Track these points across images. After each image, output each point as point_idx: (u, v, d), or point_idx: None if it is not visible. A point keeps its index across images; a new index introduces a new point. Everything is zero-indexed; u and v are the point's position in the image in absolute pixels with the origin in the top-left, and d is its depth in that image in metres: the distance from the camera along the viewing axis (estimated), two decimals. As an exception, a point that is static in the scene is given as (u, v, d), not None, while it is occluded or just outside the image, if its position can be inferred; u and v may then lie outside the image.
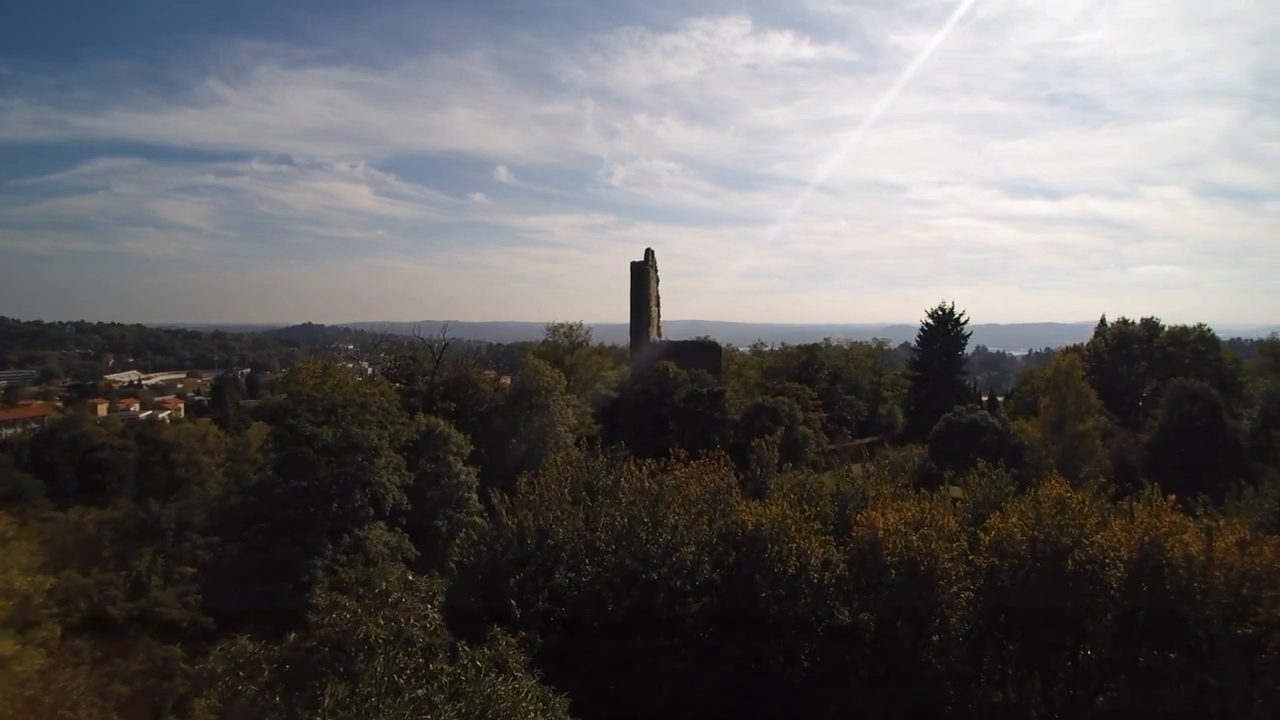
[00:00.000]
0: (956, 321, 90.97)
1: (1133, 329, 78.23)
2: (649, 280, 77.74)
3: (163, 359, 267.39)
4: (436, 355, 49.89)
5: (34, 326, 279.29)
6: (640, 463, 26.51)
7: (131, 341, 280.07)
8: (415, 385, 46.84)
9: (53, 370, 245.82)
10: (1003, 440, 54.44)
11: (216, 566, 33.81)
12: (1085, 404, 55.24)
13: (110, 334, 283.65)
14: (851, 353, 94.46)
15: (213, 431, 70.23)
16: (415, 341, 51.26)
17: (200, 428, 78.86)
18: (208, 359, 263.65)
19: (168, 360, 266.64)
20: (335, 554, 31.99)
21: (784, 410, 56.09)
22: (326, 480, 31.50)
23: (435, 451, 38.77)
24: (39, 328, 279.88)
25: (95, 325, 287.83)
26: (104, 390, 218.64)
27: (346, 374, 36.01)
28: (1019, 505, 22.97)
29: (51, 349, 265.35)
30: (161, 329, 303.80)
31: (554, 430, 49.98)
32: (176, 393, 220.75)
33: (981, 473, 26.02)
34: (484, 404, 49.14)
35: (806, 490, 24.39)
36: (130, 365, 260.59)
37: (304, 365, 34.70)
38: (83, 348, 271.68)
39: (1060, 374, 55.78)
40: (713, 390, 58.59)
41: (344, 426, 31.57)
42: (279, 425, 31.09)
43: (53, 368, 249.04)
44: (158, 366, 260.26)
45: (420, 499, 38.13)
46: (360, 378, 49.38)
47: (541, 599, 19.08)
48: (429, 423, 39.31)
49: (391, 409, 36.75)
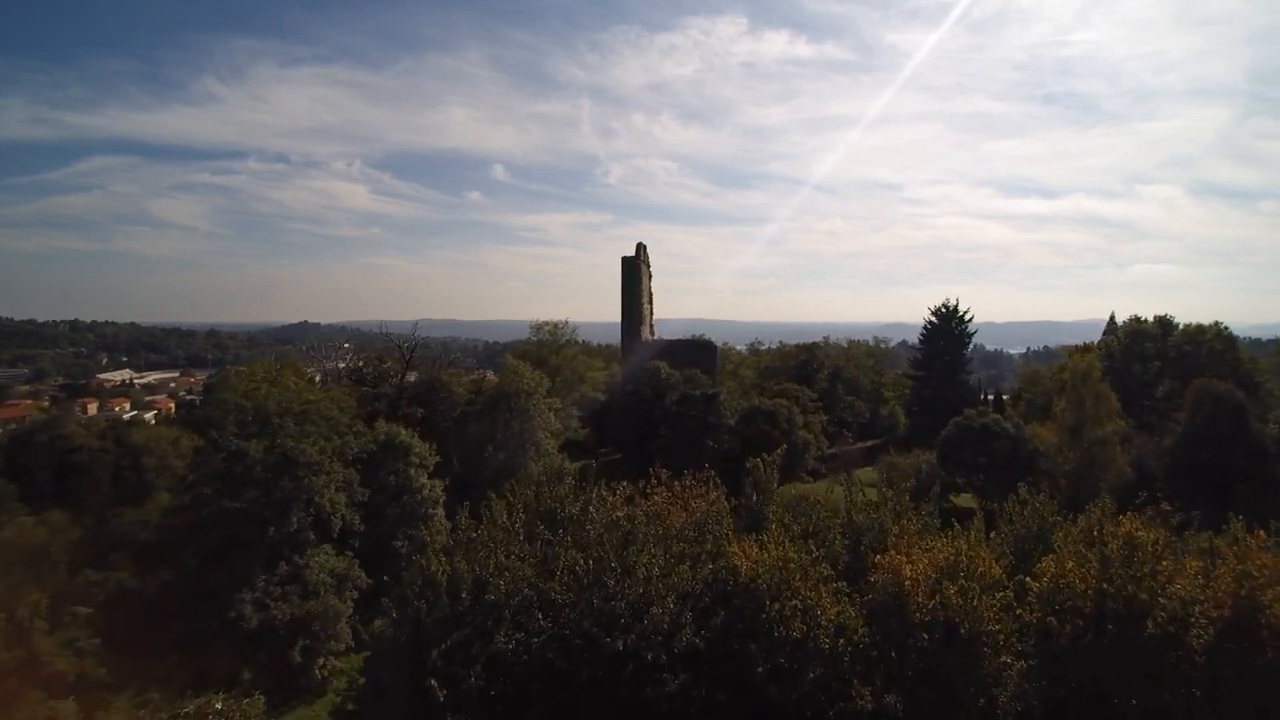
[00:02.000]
0: (960, 319, 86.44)
1: (1146, 327, 73.80)
2: (641, 276, 73.33)
3: (156, 358, 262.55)
4: (406, 356, 45.30)
5: (27, 325, 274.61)
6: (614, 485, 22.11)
7: (125, 340, 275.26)
8: (382, 389, 42.30)
9: (45, 370, 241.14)
10: (1016, 447, 50.10)
11: (136, 599, 29.41)
12: (1105, 407, 50.87)
13: (104, 333, 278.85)
14: (851, 352, 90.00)
15: (185, 435, 65.91)
16: (385, 341, 46.86)
17: (172, 432, 74.50)
18: (202, 358, 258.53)
19: (161, 359, 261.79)
20: (269, 585, 27.53)
21: (782, 414, 51.68)
22: (258, 501, 27.02)
23: (395, 464, 34.30)
24: (32, 326, 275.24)
25: (89, 324, 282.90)
26: (95, 390, 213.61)
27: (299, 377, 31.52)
28: (1071, 541, 18.62)
29: (45, 348, 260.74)
30: (156, 328, 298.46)
31: (534, 437, 45.50)
32: (169, 392, 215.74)
33: (1023, 501, 21.60)
34: (457, 408, 44.66)
35: (812, 523, 19.98)
36: (124, 364, 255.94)
37: (240, 369, 30.06)
38: (76, 346, 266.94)
39: (1077, 375, 51.31)
40: (706, 392, 54.14)
41: (278, 440, 27.12)
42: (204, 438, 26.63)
43: (45, 367, 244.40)
44: (151, 365, 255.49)
45: (377, 517, 33.70)
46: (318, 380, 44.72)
47: (474, 673, 14.64)
48: (388, 431, 34.85)
49: (341, 417, 32.28)
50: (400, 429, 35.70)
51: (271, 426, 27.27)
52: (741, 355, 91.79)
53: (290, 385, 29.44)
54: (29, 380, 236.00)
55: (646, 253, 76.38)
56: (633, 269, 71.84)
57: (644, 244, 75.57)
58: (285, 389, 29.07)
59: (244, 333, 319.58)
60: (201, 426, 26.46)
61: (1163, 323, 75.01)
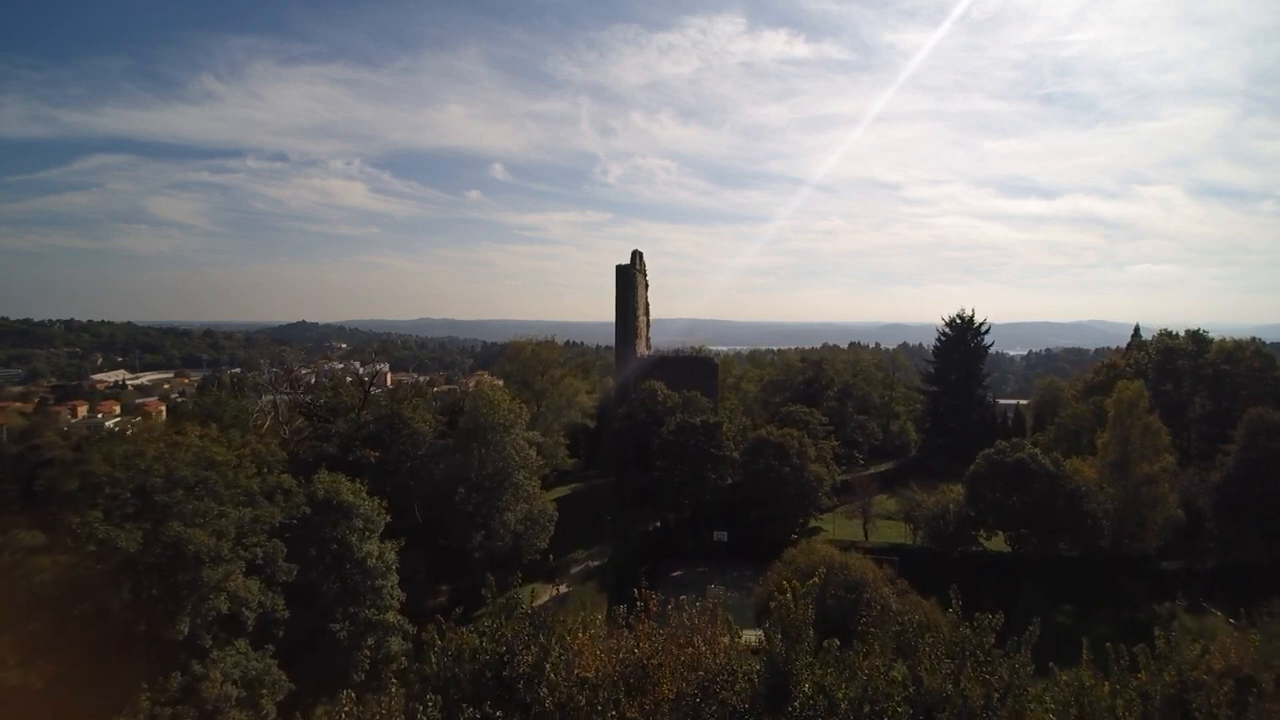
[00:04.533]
0: (977, 330, 79.92)
1: (1178, 343, 67.40)
2: (636, 285, 66.97)
3: (152, 358, 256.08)
4: (365, 386, 38.81)
5: (22, 325, 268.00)
6: (587, 623, 15.73)
7: (121, 340, 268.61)
8: (333, 427, 35.85)
9: (39, 370, 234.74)
10: (1055, 485, 43.83)
11: (19, 698, 23.03)
12: (1153, 441, 44.63)
13: (99, 332, 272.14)
14: (859, 364, 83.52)
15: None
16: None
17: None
18: (197, 358, 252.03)
19: (157, 359, 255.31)
20: (155, 706, 21.12)
21: (793, 447, 45.27)
22: (136, 602, 20.62)
23: (333, 529, 27.91)
24: (27, 326, 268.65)
25: (85, 323, 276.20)
26: (87, 391, 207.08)
27: (202, 436, 24.86)
28: None
29: (39, 348, 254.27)
30: (152, 327, 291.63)
31: (512, 477, 39.13)
32: (161, 394, 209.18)
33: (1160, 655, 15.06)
34: (423, 446, 38.23)
35: (866, 692, 13.50)
36: (119, 364, 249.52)
37: (132, 425, 23.26)
38: (71, 346, 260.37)
39: (1122, 405, 45.00)
40: (708, 422, 47.73)
41: (164, 525, 20.75)
42: (69, 521, 20.22)
43: (39, 367, 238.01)
44: (146, 366, 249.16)
45: (310, 596, 27.35)
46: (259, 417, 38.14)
47: None
48: (328, 489, 28.42)
49: (263, 478, 25.84)
50: (343, 482, 29.27)
51: (153, 504, 20.95)
52: (743, 368, 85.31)
53: (194, 444, 23.15)
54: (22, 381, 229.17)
55: (643, 261, 69.96)
56: (628, 279, 65.47)
57: (640, 251, 69.15)
58: (186, 449, 22.78)
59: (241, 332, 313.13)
60: (68, 505, 20.11)
61: (1196, 338, 68.66)
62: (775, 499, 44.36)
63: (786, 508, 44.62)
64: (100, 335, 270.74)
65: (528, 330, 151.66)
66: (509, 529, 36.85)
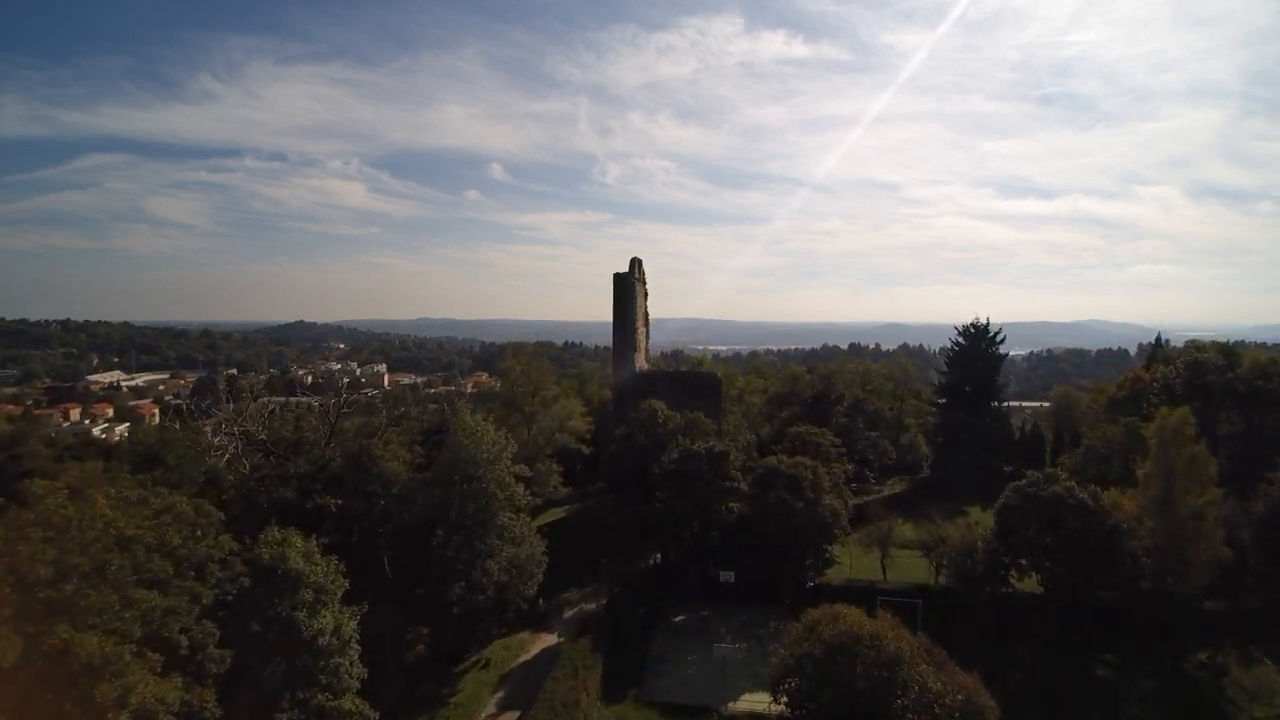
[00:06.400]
0: (992, 340, 75.61)
1: (1207, 357, 62.95)
2: (635, 295, 62.45)
3: (148, 359, 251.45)
4: (332, 419, 34.31)
5: (19, 325, 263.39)
6: None
7: (118, 340, 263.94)
8: (290, 468, 31.32)
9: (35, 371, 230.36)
10: (1092, 522, 39.51)
11: None
12: (1199, 473, 40.31)
13: (96, 332, 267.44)
14: (868, 376, 78.97)
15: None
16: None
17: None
18: (193, 359, 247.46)
19: (153, 360, 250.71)
20: None
21: (806, 478, 40.85)
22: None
23: (279, 602, 23.50)
24: (24, 326, 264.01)
25: (81, 323, 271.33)
26: (81, 393, 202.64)
27: (116, 500, 20.27)
28: None
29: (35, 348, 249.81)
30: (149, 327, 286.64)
31: (495, 520, 34.68)
32: (155, 396, 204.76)
33: None
34: (396, 485, 33.79)
35: None
36: (115, 365, 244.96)
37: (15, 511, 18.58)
38: (67, 347, 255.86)
39: (1166, 434, 40.63)
40: (713, 450, 43.29)
41: (49, 627, 16.36)
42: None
43: (35, 368, 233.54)
44: (143, 366, 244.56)
45: (251, 679, 23.01)
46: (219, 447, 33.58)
47: None
48: (273, 554, 24.00)
49: (192, 543, 21.45)
50: (294, 542, 24.85)
51: (41, 602, 16.58)
52: (747, 379, 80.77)
53: (101, 515, 18.76)
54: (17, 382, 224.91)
55: (642, 269, 65.43)
56: (626, 287, 60.93)
57: (639, 259, 64.62)
58: (90, 524, 18.38)
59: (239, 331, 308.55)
60: None
61: (1226, 351, 64.23)
62: (787, 536, 40.00)
63: (799, 546, 40.25)
64: (97, 336, 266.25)
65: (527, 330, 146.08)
66: (492, 579, 32.45)
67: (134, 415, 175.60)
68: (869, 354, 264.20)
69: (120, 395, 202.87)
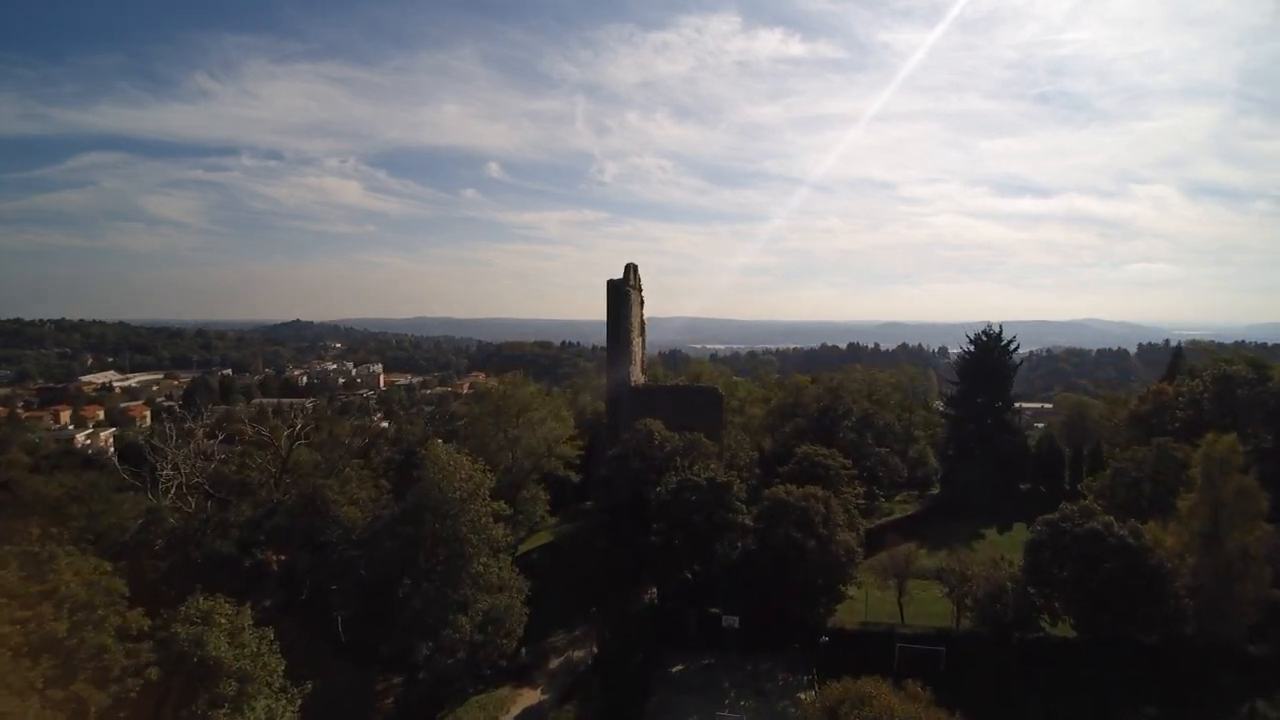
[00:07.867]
0: (1004, 348, 71.37)
1: (1237, 371, 58.80)
2: (629, 302, 58.17)
3: (143, 358, 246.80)
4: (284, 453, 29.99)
5: (13, 324, 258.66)
6: None
7: (112, 340, 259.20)
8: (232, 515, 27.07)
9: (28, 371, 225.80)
10: (1135, 562, 35.43)
11: None
12: (1250, 506, 36.31)
13: (90, 332, 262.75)
14: (875, 387, 74.72)
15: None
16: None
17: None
18: (187, 359, 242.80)
19: (147, 360, 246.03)
20: None
21: (818, 513, 36.67)
22: None
23: (197, 694, 19.32)
24: (18, 325, 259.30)
25: (75, 323, 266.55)
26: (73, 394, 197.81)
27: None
28: None
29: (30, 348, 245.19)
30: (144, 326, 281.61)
31: (470, 567, 30.49)
32: (147, 397, 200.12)
33: None
34: (356, 530, 29.56)
35: None
36: (109, 365, 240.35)
37: None
38: (61, 346, 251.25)
39: (1213, 463, 36.56)
40: (715, 480, 39.11)
41: None
42: None
43: (28, 369, 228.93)
44: (137, 366, 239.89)
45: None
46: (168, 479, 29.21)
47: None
48: (191, 634, 19.82)
49: (88, 628, 17.32)
50: (220, 617, 20.67)
51: None
52: (749, 389, 76.52)
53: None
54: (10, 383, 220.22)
55: (637, 275, 61.15)
56: (620, 295, 56.69)
57: (634, 265, 60.33)
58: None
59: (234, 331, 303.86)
60: None
61: (1256, 365, 60.11)
62: (797, 575, 35.87)
63: (810, 587, 36.10)
64: (91, 335, 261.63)
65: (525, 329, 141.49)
66: (464, 638, 28.28)
67: (124, 418, 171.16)
68: (868, 354, 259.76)
69: (112, 397, 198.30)
